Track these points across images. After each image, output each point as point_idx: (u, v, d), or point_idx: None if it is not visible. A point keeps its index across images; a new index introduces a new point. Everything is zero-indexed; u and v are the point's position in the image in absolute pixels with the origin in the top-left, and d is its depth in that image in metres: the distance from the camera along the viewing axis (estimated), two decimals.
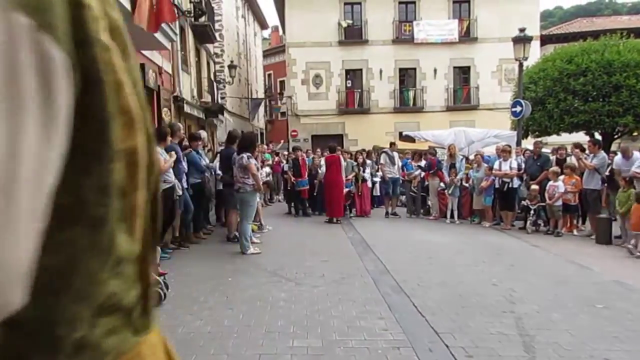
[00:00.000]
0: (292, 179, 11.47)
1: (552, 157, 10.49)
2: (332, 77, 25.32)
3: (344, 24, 24.93)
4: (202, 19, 16.56)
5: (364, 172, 12.15)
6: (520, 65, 12.20)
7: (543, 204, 9.41)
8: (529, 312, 4.50)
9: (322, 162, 11.15)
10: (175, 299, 4.79)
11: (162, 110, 11.08)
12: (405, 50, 25.00)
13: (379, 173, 13.21)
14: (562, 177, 9.21)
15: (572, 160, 9.81)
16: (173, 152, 6.96)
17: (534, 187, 9.48)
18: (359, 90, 25.42)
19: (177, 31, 12.47)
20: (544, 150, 10.99)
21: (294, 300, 4.82)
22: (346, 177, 11.02)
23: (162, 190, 5.27)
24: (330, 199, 10.61)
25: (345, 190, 10.59)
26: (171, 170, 6.65)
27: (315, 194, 11.48)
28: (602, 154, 9.21)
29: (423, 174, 11.85)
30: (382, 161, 12.11)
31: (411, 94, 25.43)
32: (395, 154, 12.32)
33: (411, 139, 18.38)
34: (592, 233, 8.85)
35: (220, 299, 4.85)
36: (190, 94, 16.03)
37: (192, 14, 14.98)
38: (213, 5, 19.88)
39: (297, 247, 7.70)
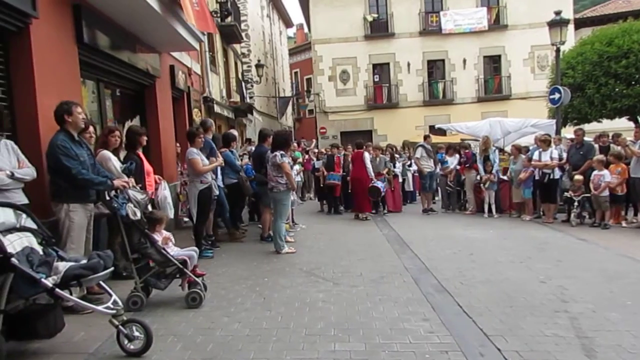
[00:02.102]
0: (325, 172, 11.29)
1: (595, 145, 10.00)
2: (359, 73, 25.09)
3: (370, 18, 24.63)
4: (229, 19, 16.60)
5: (394, 167, 11.92)
6: (557, 50, 11.66)
7: (588, 194, 8.97)
8: (585, 312, 4.22)
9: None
10: (212, 300, 4.71)
11: (193, 111, 11.10)
12: (433, 41, 24.55)
13: (412, 168, 12.95)
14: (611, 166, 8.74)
15: (616, 147, 9.32)
16: (220, 158, 7.00)
17: (578, 177, 9.03)
18: (387, 85, 25.11)
19: (205, 32, 12.48)
20: (585, 138, 10.48)
21: (333, 300, 4.66)
22: (379, 172, 10.83)
23: (200, 191, 5.26)
24: (356, 194, 10.54)
25: (380, 187, 10.34)
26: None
27: (349, 190, 11.32)
28: None
29: (458, 167, 11.51)
30: (417, 155, 11.74)
31: (440, 86, 24.98)
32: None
33: (442, 132, 17.98)
34: None
35: (257, 300, 4.74)
36: (219, 94, 16.10)
37: (218, 14, 14.99)
38: (238, 5, 19.91)
39: (332, 246, 7.54)
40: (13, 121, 4.15)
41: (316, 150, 15.41)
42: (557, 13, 11.69)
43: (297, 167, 9.85)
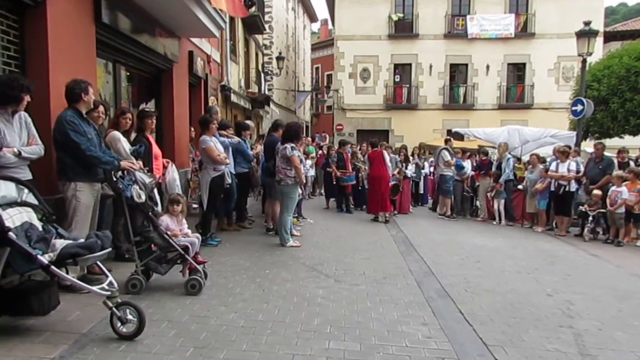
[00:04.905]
0: (338, 173, 11.11)
1: (615, 161, 9.74)
2: (380, 72, 24.91)
3: (395, 18, 24.41)
4: (252, 9, 16.54)
5: (406, 168, 11.80)
6: (584, 61, 11.38)
7: (603, 210, 8.76)
8: (590, 329, 4.09)
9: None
10: (211, 288, 4.66)
11: (209, 99, 11.09)
12: (457, 45, 24.23)
13: (424, 170, 12.80)
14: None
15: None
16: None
17: (596, 192, 8.81)
18: (407, 86, 24.89)
19: (227, 19, 12.46)
20: (606, 153, 10.21)
21: (332, 298, 4.59)
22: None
23: (212, 178, 5.28)
24: (375, 194, 10.19)
25: (392, 183, 10.23)
26: None
27: (360, 188, 11.18)
28: None
29: (473, 173, 11.34)
30: (447, 158, 11.36)
31: (461, 90, 24.69)
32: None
33: (460, 136, 17.76)
34: None
35: (256, 292, 4.69)
36: (237, 84, 16.08)
37: (242, 4, 14.94)
38: None
39: (337, 243, 7.47)
40: None
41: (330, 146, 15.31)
42: (587, 23, 11.42)
43: (309, 161, 9.76)
